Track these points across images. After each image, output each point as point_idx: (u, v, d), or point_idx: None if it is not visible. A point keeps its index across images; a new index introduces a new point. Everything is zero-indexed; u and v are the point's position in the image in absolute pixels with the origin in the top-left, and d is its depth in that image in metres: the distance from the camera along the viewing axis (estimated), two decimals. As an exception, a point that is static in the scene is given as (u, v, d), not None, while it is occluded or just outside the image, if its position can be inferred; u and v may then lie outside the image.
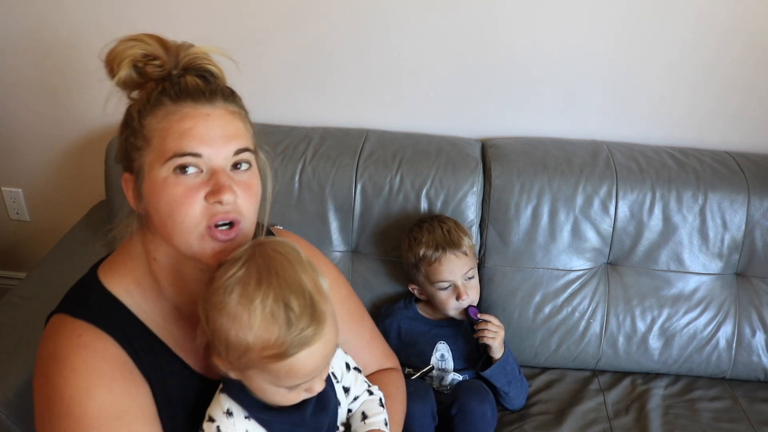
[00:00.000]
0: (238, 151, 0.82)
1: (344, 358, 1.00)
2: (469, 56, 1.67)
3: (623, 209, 1.54)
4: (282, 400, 0.82)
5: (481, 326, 1.39)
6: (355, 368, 1.01)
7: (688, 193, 1.54)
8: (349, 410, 0.99)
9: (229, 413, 0.82)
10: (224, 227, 0.81)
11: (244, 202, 0.82)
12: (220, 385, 0.86)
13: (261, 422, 0.83)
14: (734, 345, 1.56)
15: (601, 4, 1.59)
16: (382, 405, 1.00)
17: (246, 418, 0.83)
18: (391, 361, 1.18)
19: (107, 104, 0.81)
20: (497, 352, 1.39)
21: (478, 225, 1.58)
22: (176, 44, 0.85)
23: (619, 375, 1.59)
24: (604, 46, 1.64)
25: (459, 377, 1.45)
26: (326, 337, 0.77)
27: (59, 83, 1.82)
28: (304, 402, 0.84)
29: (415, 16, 1.64)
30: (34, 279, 1.51)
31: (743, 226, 1.54)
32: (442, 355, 1.46)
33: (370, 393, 1.01)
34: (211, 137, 0.80)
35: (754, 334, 1.56)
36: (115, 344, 0.82)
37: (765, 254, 1.55)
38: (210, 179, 0.80)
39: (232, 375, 0.80)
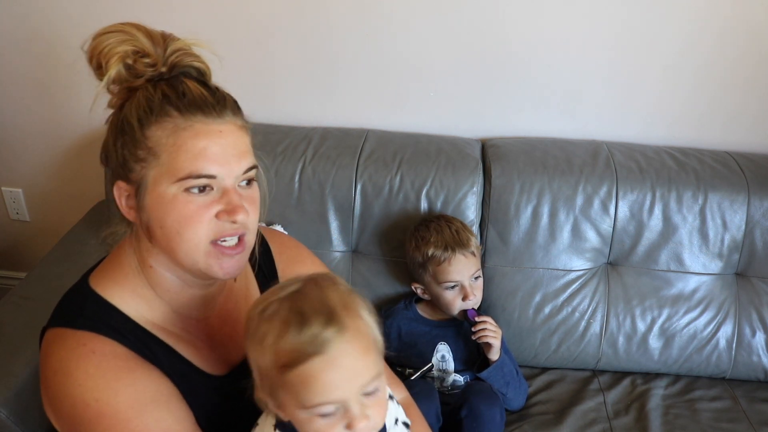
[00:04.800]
0: (249, 169, 0.82)
1: (396, 413, 0.91)
2: (469, 56, 1.68)
3: (623, 209, 1.54)
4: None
5: (480, 326, 1.39)
6: (404, 423, 0.94)
7: (688, 193, 1.54)
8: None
9: None
10: (231, 242, 0.81)
11: (251, 217, 0.83)
12: (271, 419, 0.81)
13: None
14: (734, 345, 1.56)
15: (601, 4, 1.59)
16: None
17: None
18: (399, 389, 1.09)
19: (95, 104, 0.79)
20: (496, 353, 1.39)
21: (478, 225, 1.58)
22: (161, 35, 0.81)
23: (619, 375, 1.59)
24: (603, 46, 1.64)
25: (460, 378, 1.45)
26: (348, 348, 0.71)
27: (59, 83, 1.82)
28: None
29: (415, 17, 1.64)
30: (34, 279, 1.51)
31: (743, 226, 1.54)
32: (442, 356, 1.46)
33: None
34: (225, 157, 0.78)
35: (754, 334, 1.56)
36: (122, 346, 0.82)
37: (765, 254, 1.55)
38: (222, 198, 0.79)
39: (281, 415, 0.77)
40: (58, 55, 1.78)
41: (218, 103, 0.80)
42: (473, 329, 1.40)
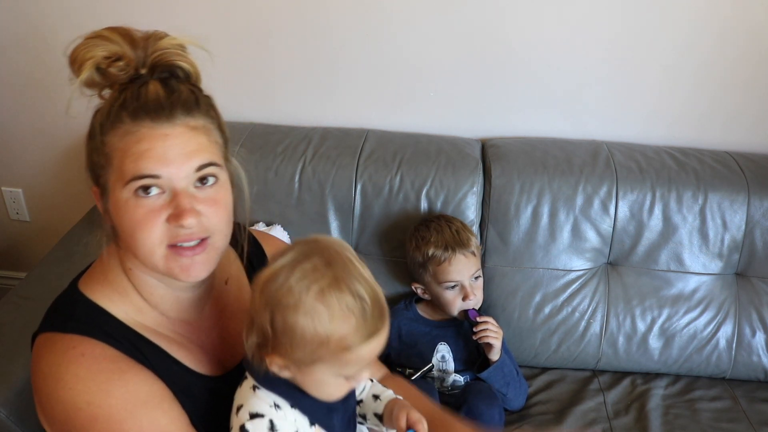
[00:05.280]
0: (201, 167, 0.78)
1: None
2: (469, 56, 1.68)
3: (623, 209, 1.54)
4: (336, 392, 0.83)
5: (482, 327, 1.39)
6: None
7: (688, 193, 1.54)
8: (359, 401, 1.01)
9: (276, 406, 0.83)
10: (190, 244, 0.80)
11: (212, 218, 0.80)
12: (249, 382, 0.85)
13: (304, 410, 0.84)
14: (734, 345, 1.56)
15: (601, 4, 1.59)
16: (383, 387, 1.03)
17: (292, 407, 0.84)
18: (378, 369, 1.13)
19: (69, 107, 0.78)
20: (497, 353, 1.39)
21: (478, 225, 1.58)
22: (146, 36, 0.80)
23: (619, 375, 1.59)
24: (603, 46, 1.64)
25: (460, 378, 1.45)
26: (387, 324, 0.80)
27: (59, 83, 1.81)
28: None
29: (415, 17, 1.64)
30: (34, 279, 1.51)
31: (743, 226, 1.54)
32: (442, 356, 1.46)
33: (371, 381, 1.04)
34: (169, 157, 0.76)
35: (754, 334, 1.56)
36: (112, 348, 0.81)
37: (765, 254, 1.55)
38: (171, 201, 0.77)
39: (287, 373, 0.81)
40: (58, 55, 1.78)
41: (170, 106, 0.77)
42: (474, 329, 1.40)
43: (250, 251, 0.98)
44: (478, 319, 1.41)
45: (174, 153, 0.76)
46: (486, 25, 1.64)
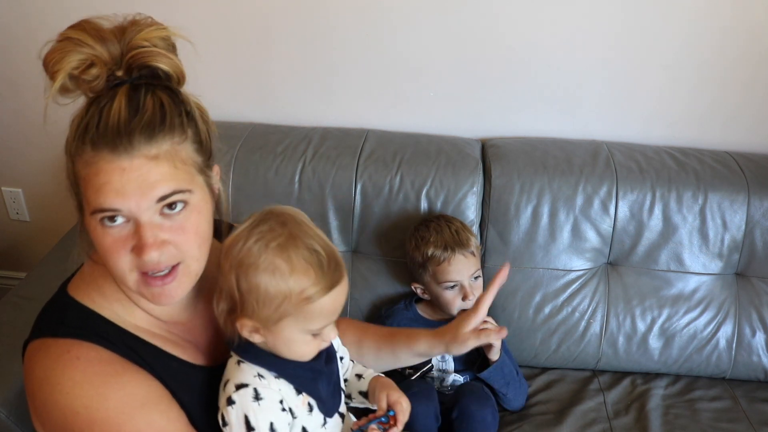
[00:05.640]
0: (163, 197, 0.75)
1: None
2: (469, 56, 1.68)
3: (623, 209, 1.54)
4: (305, 349, 0.87)
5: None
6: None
7: (688, 193, 1.54)
8: (345, 380, 1.05)
9: (260, 376, 0.86)
10: (160, 273, 0.78)
11: (182, 245, 0.78)
12: (234, 359, 0.89)
13: (288, 378, 0.88)
14: (734, 345, 1.56)
15: (601, 4, 1.59)
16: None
17: (276, 378, 0.87)
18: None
19: (45, 116, 0.74)
20: (496, 353, 1.39)
21: (478, 225, 1.58)
22: (120, 28, 0.76)
23: (619, 375, 1.59)
24: (603, 45, 1.64)
25: (459, 378, 1.45)
26: (345, 278, 0.85)
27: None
28: (318, 355, 0.90)
29: (415, 17, 1.64)
30: (34, 279, 1.51)
31: (743, 226, 1.54)
32: (442, 356, 1.46)
33: (352, 362, 1.09)
34: (127, 192, 0.73)
35: (754, 334, 1.56)
36: (107, 350, 0.81)
37: (765, 254, 1.55)
38: (136, 232, 0.75)
39: (257, 337, 0.85)
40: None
41: (129, 134, 0.72)
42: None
43: None
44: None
45: (132, 187, 0.73)
46: (486, 25, 1.64)
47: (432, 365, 1.45)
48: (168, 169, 0.75)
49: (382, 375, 1.04)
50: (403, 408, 0.95)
